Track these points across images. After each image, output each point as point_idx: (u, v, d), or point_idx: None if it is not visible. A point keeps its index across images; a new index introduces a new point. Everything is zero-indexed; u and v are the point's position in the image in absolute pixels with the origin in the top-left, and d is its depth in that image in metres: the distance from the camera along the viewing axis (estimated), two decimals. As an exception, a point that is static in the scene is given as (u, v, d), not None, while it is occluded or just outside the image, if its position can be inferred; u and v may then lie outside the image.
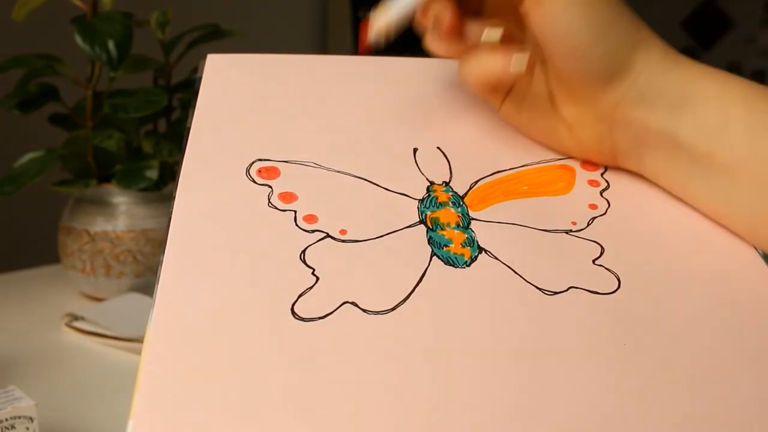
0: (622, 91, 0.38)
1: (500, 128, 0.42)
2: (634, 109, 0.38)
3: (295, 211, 0.36)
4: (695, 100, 0.37)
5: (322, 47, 2.36)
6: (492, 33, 0.39)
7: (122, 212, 0.74)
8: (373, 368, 0.30)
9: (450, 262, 0.35)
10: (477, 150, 0.41)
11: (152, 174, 0.73)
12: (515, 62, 0.38)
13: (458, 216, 0.37)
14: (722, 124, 0.37)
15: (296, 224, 0.35)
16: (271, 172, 0.38)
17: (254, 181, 0.37)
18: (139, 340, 0.64)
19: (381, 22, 0.38)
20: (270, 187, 0.37)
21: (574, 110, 0.40)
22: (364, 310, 0.32)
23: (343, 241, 0.35)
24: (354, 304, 0.32)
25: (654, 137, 0.38)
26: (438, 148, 0.41)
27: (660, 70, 0.38)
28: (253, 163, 0.38)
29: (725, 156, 0.37)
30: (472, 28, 0.40)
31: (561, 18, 0.37)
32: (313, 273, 0.33)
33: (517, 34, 0.40)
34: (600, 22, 0.37)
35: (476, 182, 0.39)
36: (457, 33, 0.39)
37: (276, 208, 0.36)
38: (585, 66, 0.38)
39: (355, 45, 2.45)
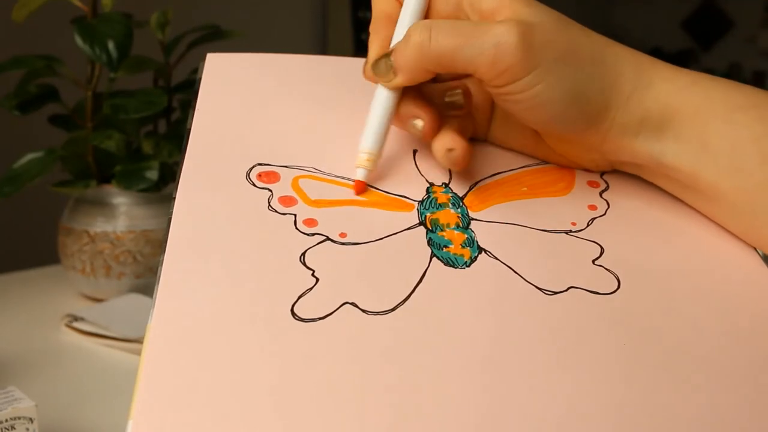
0: (604, 129, 0.37)
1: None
2: (620, 139, 0.37)
3: (295, 215, 0.36)
4: (675, 121, 0.37)
5: (322, 47, 2.36)
6: (454, 95, 0.39)
7: (122, 213, 0.74)
8: (373, 368, 0.30)
9: (450, 262, 0.35)
10: (476, 151, 0.41)
11: (152, 175, 0.73)
12: (449, 97, 0.39)
13: (458, 217, 0.37)
14: (703, 143, 0.36)
15: (296, 227, 0.35)
16: (271, 177, 0.38)
17: (254, 185, 0.37)
18: (139, 340, 0.64)
19: (365, 159, 0.37)
20: (270, 191, 0.37)
21: (560, 145, 0.40)
22: (364, 311, 0.32)
23: (343, 243, 0.35)
24: (354, 304, 0.32)
25: (643, 159, 0.38)
26: (438, 148, 0.41)
27: (636, 99, 0.37)
28: (253, 167, 0.38)
29: (709, 174, 0.36)
30: (435, 90, 0.39)
31: (529, 98, 0.36)
32: (313, 274, 0.33)
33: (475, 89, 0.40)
34: (568, 88, 0.36)
35: (476, 183, 0.39)
36: (436, 129, 0.38)
37: (276, 211, 0.36)
38: (562, 127, 0.37)
39: (355, 45, 2.45)
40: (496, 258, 0.35)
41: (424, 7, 0.38)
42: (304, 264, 0.34)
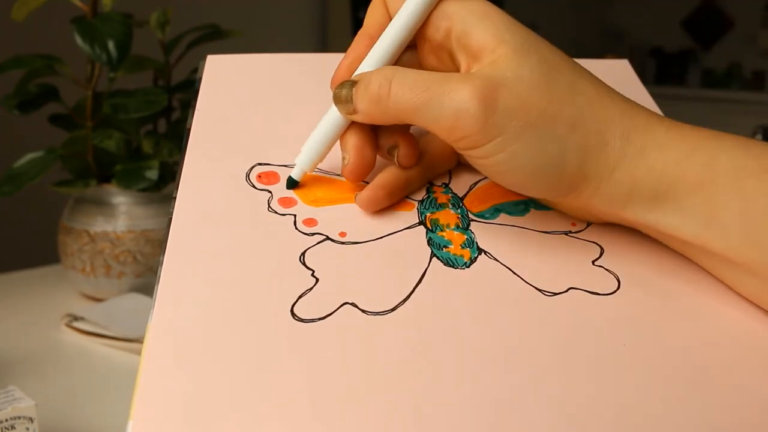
0: (586, 197, 0.34)
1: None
2: (606, 207, 0.34)
3: (295, 215, 0.36)
4: (673, 194, 0.33)
5: (322, 47, 2.36)
6: (393, 154, 0.37)
7: (122, 212, 0.74)
8: (373, 369, 0.30)
9: (450, 263, 0.35)
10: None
11: (152, 174, 0.73)
12: (389, 153, 0.37)
13: (458, 217, 0.37)
14: (709, 217, 0.32)
15: (296, 227, 0.35)
16: (271, 177, 0.38)
17: (254, 186, 0.37)
18: (139, 340, 0.64)
19: (297, 172, 0.37)
20: (270, 192, 0.37)
21: (547, 201, 0.38)
22: (363, 311, 0.32)
23: (343, 243, 0.35)
24: (353, 305, 0.32)
25: (635, 226, 0.36)
26: (438, 148, 0.41)
27: (624, 169, 0.33)
28: (253, 167, 0.38)
29: (716, 244, 0.33)
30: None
31: (491, 164, 0.33)
32: (312, 274, 0.33)
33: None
34: (536, 158, 0.33)
35: (476, 183, 0.39)
36: (360, 174, 0.36)
37: (276, 212, 0.36)
38: (532, 193, 0.35)
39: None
40: (496, 259, 0.35)
41: (407, 36, 0.36)
42: (304, 264, 0.34)
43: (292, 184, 0.37)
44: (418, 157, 0.37)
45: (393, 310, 0.32)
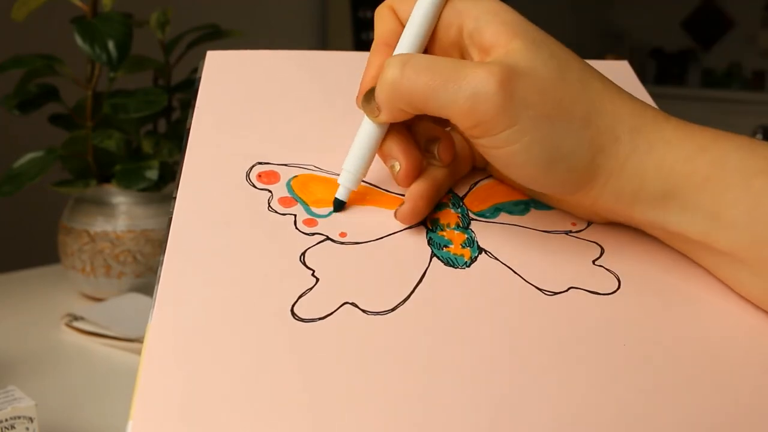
0: (594, 195, 0.34)
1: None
2: (613, 205, 0.34)
3: (295, 215, 0.36)
4: (680, 191, 0.33)
5: (322, 47, 2.37)
6: (432, 147, 0.37)
7: (122, 212, 0.74)
8: (373, 369, 0.30)
9: (450, 262, 0.35)
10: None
11: (152, 174, 0.73)
12: (427, 149, 0.36)
13: (458, 216, 0.37)
14: (715, 214, 0.33)
15: (296, 227, 0.35)
16: (271, 177, 0.38)
17: (254, 186, 0.37)
18: (139, 340, 0.64)
19: (343, 192, 0.36)
20: (270, 191, 0.37)
21: (548, 200, 0.38)
22: (364, 311, 0.32)
23: (343, 243, 0.35)
24: (354, 304, 0.32)
25: (641, 225, 0.36)
26: (438, 148, 0.41)
27: (632, 166, 0.33)
28: (253, 166, 0.38)
29: (722, 242, 0.33)
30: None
31: (504, 155, 0.33)
32: (313, 274, 0.33)
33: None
34: (550, 151, 0.32)
35: (476, 183, 0.39)
36: (413, 176, 0.36)
37: (276, 212, 0.36)
38: (541, 189, 0.35)
39: (355, 45, 2.45)
40: (496, 258, 0.35)
41: (426, 34, 0.36)
42: (304, 264, 0.34)
43: (339, 205, 0.36)
44: (454, 152, 0.37)
45: (393, 310, 0.32)
